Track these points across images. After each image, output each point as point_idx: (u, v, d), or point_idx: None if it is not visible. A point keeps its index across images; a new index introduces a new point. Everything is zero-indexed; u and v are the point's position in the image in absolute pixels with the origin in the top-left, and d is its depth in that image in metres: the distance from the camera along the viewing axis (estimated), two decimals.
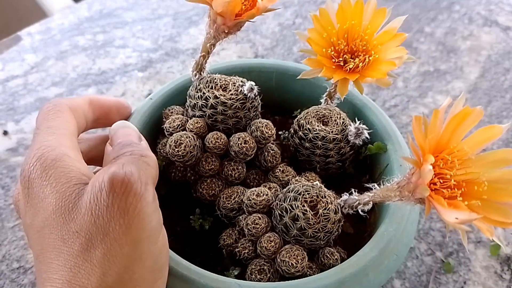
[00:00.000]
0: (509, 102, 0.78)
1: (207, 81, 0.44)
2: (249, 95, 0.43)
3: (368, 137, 0.44)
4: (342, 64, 0.39)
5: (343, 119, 0.45)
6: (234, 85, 0.44)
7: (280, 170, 0.44)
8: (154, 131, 0.46)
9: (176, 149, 0.41)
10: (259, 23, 0.91)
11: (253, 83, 0.43)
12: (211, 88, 0.43)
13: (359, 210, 0.39)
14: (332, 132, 0.44)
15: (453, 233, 0.61)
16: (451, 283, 0.56)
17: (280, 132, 0.49)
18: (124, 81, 0.80)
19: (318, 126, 0.44)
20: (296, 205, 0.38)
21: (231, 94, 0.43)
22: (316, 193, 0.39)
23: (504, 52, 0.87)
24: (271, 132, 0.43)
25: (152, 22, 0.93)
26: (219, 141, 0.43)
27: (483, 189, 0.32)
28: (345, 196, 0.40)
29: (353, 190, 0.39)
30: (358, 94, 0.48)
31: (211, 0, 0.36)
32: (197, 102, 0.44)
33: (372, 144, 0.46)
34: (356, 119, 0.44)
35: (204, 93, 0.43)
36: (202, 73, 0.44)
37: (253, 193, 0.40)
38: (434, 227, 0.61)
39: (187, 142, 0.42)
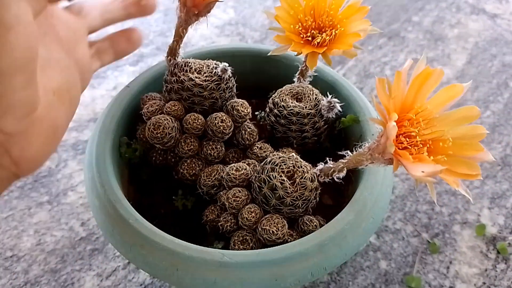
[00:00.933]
0: (496, 87, 0.79)
1: (182, 65, 0.45)
2: (223, 76, 0.45)
3: (341, 110, 0.45)
4: (310, 39, 0.41)
5: (316, 95, 0.46)
6: (208, 68, 0.45)
7: (258, 147, 0.45)
8: (133, 118, 0.47)
9: (155, 132, 0.43)
10: (248, 16, 0.92)
11: (227, 64, 0.45)
12: (186, 71, 0.45)
13: (335, 178, 0.40)
14: (306, 107, 0.46)
15: (439, 214, 0.62)
16: (437, 263, 0.58)
17: (256, 113, 0.51)
18: (116, 75, 0.81)
19: (292, 102, 0.46)
20: (274, 176, 0.39)
21: (206, 76, 0.44)
22: (293, 163, 0.40)
23: (491, 39, 0.88)
24: (246, 110, 0.45)
25: (143, 18, 0.93)
26: (196, 121, 0.44)
27: (448, 145, 0.34)
28: (320, 165, 0.41)
29: (328, 159, 0.41)
30: (329, 71, 0.50)
31: None
32: (173, 86, 0.45)
33: (345, 117, 0.47)
34: (327, 93, 0.46)
35: (179, 76, 0.44)
36: (176, 58, 0.45)
37: (232, 168, 0.42)
38: (420, 209, 0.63)
39: (165, 124, 0.43)
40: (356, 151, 0.38)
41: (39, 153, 0.35)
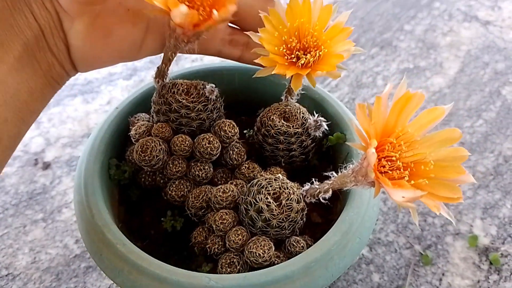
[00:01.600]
0: (488, 95, 0.79)
1: (170, 86, 0.45)
2: (210, 97, 0.45)
3: (327, 128, 0.45)
4: (295, 60, 0.41)
5: (303, 113, 0.47)
6: (196, 89, 0.46)
7: (246, 167, 0.46)
8: (122, 139, 0.48)
9: (143, 154, 0.43)
10: None
11: (213, 85, 0.45)
12: (174, 93, 0.45)
13: (321, 198, 0.40)
14: (293, 126, 0.46)
15: (432, 226, 0.63)
16: (429, 275, 0.58)
17: (245, 131, 0.51)
18: (110, 90, 0.81)
19: (279, 122, 0.46)
20: (260, 198, 0.39)
21: (193, 98, 0.45)
22: (279, 185, 0.40)
23: (483, 46, 0.88)
24: (234, 131, 0.45)
25: None
26: (184, 143, 0.44)
27: (430, 168, 0.34)
28: (306, 186, 0.41)
29: (313, 179, 0.41)
30: (317, 89, 0.50)
31: (170, 10, 0.36)
32: (160, 108, 0.45)
33: (332, 135, 0.48)
34: (314, 112, 0.46)
35: (167, 98, 0.45)
36: (164, 79, 0.46)
37: (219, 190, 0.42)
38: (412, 221, 0.63)
39: (152, 146, 0.43)
40: (341, 172, 0.39)
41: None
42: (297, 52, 0.41)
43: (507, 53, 0.85)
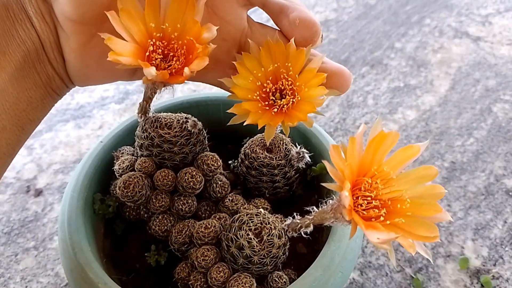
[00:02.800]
0: (479, 113, 0.79)
1: (152, 121, 0.46)
2: (193, 131, 0.45)
3: (310, 160, 0.46)
4: (268, 108, 0.39)
5: (286, 144, 0.47)
6: (179, 122, 0.46)
7: (229, 199, 0.46)
8: (106, 173, 0.48)
9: (125, 190, 0.43)
10: None
11: (196, 119, 0.45)
12: (156, 127, 0.45)
13: (302, 233, 0.40)
14: (275, 158, 0.46)
15: None
16: None
17: (229, 161, 0.51)
18: (102, 114, 0.82)
19: (262, 153, 0.46)
20: (241, 234, 0.39)
21: (176, 132, 0.45)
22: (260, 220, 0.40)
23: (474, 63, 0.88)
24: (216, 164, 0.45)
25: None
26: (167, 178, 0.44)
27: (406, 206, 0.34)
28: (288, 220, 0.41)
29: (295, 214, 0.41)
30: None
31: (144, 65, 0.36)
32: (143, 142, 0.45)
33: (315, 165, 0.48)
34: (296, 144, 0.46)
35: (149, 133, 0.45)
36: (147, 114, 0.46)
37: (202, 226, 0.42)
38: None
39: (135, 182, 0.43)
40: (321, 206, 0.39)
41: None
42: (272, 97, 0.39)
43: (497, 69, 0.86)
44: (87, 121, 0.81)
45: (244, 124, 0.37)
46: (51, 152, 0.76)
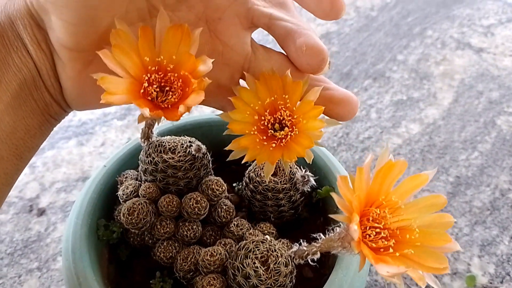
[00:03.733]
0: (483, 126, 0.79)
1: (156, 145, 0.45)
2: (197, 155, 0.45)
3: (315, 184, 0.45)
4: (266, 143, 0.37)
5: (290, 167, 0.46)
6: (182, 147, 0.45)
7: (234, 224, 0.45)
8: (110, 199, 0.48)
9: (130, 217, 0.43)
10: None
11: (200, 144, 0.45)
12: (160, 152, 0.45)
13: (309, 260, 0.40)
14: (280, 182, 0.46)
15: None
16: None
17: (234, 184, 0.51)
18: (104, 131, 0.81)
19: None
20: (247, 263, 0.39)
21: (180, 156, 0.45)
22: (266, 248, 0.40)
23: (477, 74, 0.88)
24: (221, 189, 0.45)
25: None
26: (171, 204, 0.44)
27: (415, 236, 0.34)
28: (295, 247, 0.41)
29: (301, 240, 0.40)
30: None
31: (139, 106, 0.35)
32: (147, 167, 0.45)
33: (321, 188, 0.47)
34: (301, 166, 0.46)
35: (153, 158, 0.45)
36: (150, 139, 0.46)
37: (207, 254, 0.42)
38: None
39: (139, 209, 0.43)
40: (328, 234, 0.38)
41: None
42: (271, 130, 0.37)
43: (501, 81, 0.85)
44: (89, 138, 0.80)
45: (242, 162, 0.37)
46: (53, 170, 0.76)
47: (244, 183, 0.49)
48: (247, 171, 0.48)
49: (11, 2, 0.36)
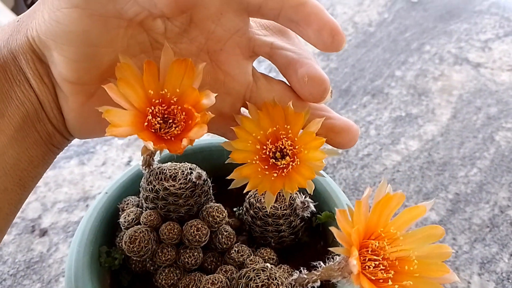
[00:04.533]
0: (481, 142, 0.79)
1: (157, 172, 0.46)
2: (197, 182, 0.45)
3: (315, 210, 0.46)
4: (269, 170, 0.37)
5: (290, 193, 0.47)
6: (183, 174, 0.46)
7: (235, 250, 0.46)
8: (111, 225, 0.48)
9: (131, 246, 0.43)
10: None
11: (200, 171, 0.45)
12: (161, 179, 0.45)
13: None
14: (280, 208, 0.46)
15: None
16: None
17: (234, 209, 0.51)
18: (105, 150, 0.82)
19: None
20: None
21: (181, 184, 0.45)
22: (267, 276, 0.40)
23: (475, 90, 0.88)
24: (222, 215, 0.45)
25: None
26: (172, 231, 0.44)
27: (414, 267, 0.34)
28: (295, 275, 0.41)
29: (301, 268, 0.41)
30: None
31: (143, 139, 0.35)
32: (148, 195, 0.45)
33: (321, 213, 0.48)
34: (301, 193, 0.46)
35: (154, 185, 0.45)
36: (151, 166, 0.46)
37: (208, 282, 0.42)
38: None
39: (141, 237, 0.43)
40: (328, 263, 0.39)
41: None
42: (272, 159, 0.38)
43: (498, 96, 0.86)
44: (91, 157, 0.81)
45: (244, 191, 0.37)
46: (55, 190, 0.76)
47: (244, 208, 0.49)
48: (247, 197, 0.49)
49: (13, 37, 0.37)
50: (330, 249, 0.34)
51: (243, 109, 0.41)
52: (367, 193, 0.34)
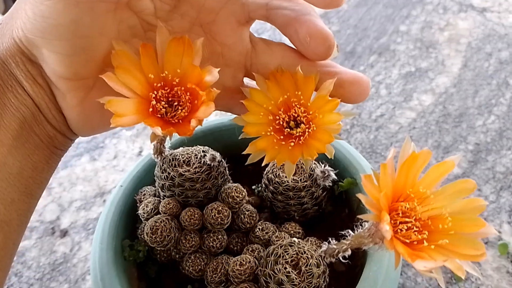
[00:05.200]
0: (496, 88, 0.76)
1: (170, 159, 0.45)
2: (212, 164, 0.44)
3: (336, 178, 0.44)
4: (285, 140, 0.36)
5: (309, 164, 0.45)
6: (197, 157, 0.45)
7: (259, 228, 0.45)
8: (131, 218, 0.47)
9: (153, 236, 0.42)
10: None
11: (214, 153, 0.44)
12: (175, 166, 0.44)
13: (340, 258, 0.39)
14: (301, 180, 0.45)
15: None
16: None
17: (253, 187, 0.50)
18: (114, 143, 0.81)
19: (286, 177, 0.45)
20: (278, 269, 0.38)
21: (195, 168, 0.44)
22: (296, 250, 0.39)
23: (483, 36, 0.85)
24: (241, 195, 0.44)
25: None
26: (193, 217, 0.43)
27: (448, 224, 0.33)
28: (324, 246, 0.40)
29: (330, 239, 0.40)
30: None
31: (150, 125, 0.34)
32: (164, 183, 0.44)
33: (343, 180, 0.46)
34: (319, 162, 0.45)
35: (169, 173, 0.44)
36: (163, 154, 0.45)
37: (236, 263, 0.41)
38: None
39: (162, 226, 0.42)
40: (356, 230, 0.37)
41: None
42: (287, 128, 0.36)
43: (508, 39, 0.83)
44: (101, 152, 0.80)
45: (262, 165, 0.36)
46: (70, 189, 0.76)
47: (263, 185, 0.48)
48: (265, 172, 0.48)
49: None
50: (359, 216, 0.32)
51: (247, 80, 0.40)
52: (391, 154, 0.32)
